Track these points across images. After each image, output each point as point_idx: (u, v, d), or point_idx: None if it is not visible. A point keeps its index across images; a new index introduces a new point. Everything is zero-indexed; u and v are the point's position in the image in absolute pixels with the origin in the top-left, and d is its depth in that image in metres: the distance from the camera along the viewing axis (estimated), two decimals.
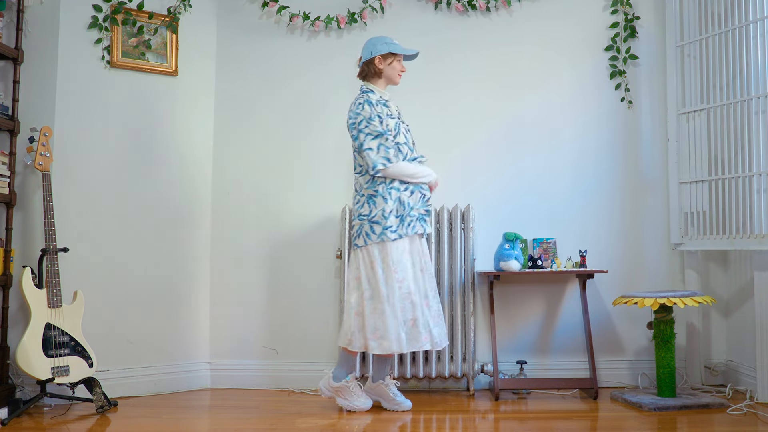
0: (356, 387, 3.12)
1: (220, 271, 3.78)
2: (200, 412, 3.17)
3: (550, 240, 3.60)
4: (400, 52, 3.17)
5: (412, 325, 3.04)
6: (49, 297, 3.14)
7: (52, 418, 3.02)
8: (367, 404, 3.12)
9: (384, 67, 3.16)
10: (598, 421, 2.95)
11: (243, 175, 3.81)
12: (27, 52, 3.41)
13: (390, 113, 3.13)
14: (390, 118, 3.11)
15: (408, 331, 3.03)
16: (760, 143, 3.21)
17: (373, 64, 3.16)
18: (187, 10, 3.75)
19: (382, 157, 3.04)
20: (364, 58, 3.18)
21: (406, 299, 3.04)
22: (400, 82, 3.25)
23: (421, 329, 3.04)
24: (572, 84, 3.80)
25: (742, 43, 3.33)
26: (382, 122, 3.07)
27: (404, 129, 3.17)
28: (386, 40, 3.18)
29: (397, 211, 3.06)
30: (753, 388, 3.30)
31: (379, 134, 3.05)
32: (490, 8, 3.81)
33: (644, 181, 3.76)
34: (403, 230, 3.06)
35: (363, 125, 3.07)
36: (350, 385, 3.11)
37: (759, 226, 3.19)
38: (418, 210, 3.12)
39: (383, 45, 3.15)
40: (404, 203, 3.08)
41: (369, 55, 3.15)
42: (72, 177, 3.43)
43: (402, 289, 3.04)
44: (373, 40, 3.18)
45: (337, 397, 3.12)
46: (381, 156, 3.04)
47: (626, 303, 3.28)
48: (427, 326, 3.06)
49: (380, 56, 3.15)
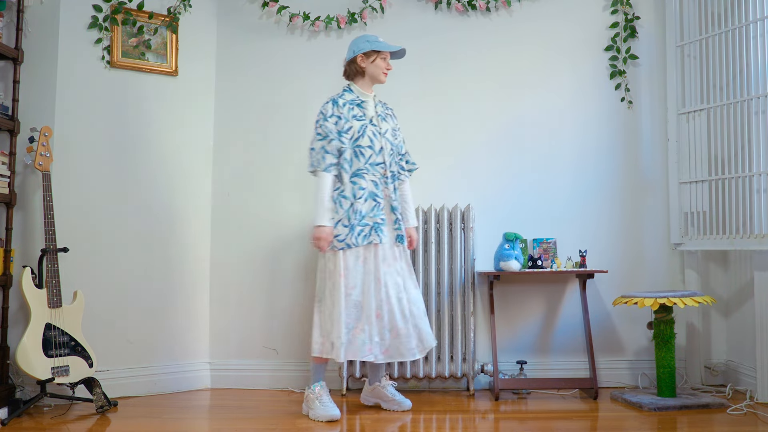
0: (323, 396, 3.00)
1: (220, 271, 3.78)
2: (200, 412, 3.17)
3: (550, 240, 3.60)
4: (383, 49, 3.11)
5: (357, 334, 2.98)
6: (49, 297, 3.14)
7: (52, 418, 3.02)
8: (328, 415, 2.93)
9: (367, 66, 3.11)
10: (598, 421, 2.95)
11: (243, 175, 3.81)
12: (27, 52, 3.41)
13: (359, 115, 3.07)
14: (356, 120, 3.05)
15: (350, 341, 2.97)
16: (760, 143, 3.21)
17: (355, 63, 3.12)
18: (187, 10, 3.75)
19: (317, 160, 3.02)
20: (347, 58, 3.15)
21: (355, 308, 2.99)
22: (386, 80, 3.18)
23: (366, 340, 2.97)
24: (572, 84, 3.80)
25: (742, 43, 3.33)
26: (338, 123, 3.03)
27: (372, 132, 3.07)
28: (369, 38, 3.12)
29: (348, 220, 3.01)
30: (753, 388, 3.30)
31: (325, 137, 3.02)
32: (490, 8, 3.81)
33: (644, 181, 3.76)
34: (352, 240, 2.99)
35: (319, 123, 3.06)
36: (313, 393, 3.01)
37: (759, 226, 3.19)
38: (373, 219, 3.03)
39: (365, 43, 3.10)
40: (357, 212, 3.02)
41: (351, 54, 3.12)
42: (72, 177, 3.43)
43: (352, 296, 2.98)
44: (356, 39, 3.14)
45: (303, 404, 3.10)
46: (317, 158, 3.02)
47: (626, 303, 3.28)
48: (370, 338, 2.98)
49: (362, 54, 3.10)
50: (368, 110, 3.12)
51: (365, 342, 2.98)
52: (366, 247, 3.03)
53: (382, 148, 3.10)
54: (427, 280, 3.54)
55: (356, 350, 2.97)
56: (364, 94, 3.14)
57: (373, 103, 3.17)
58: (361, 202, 3.03)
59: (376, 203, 3.06)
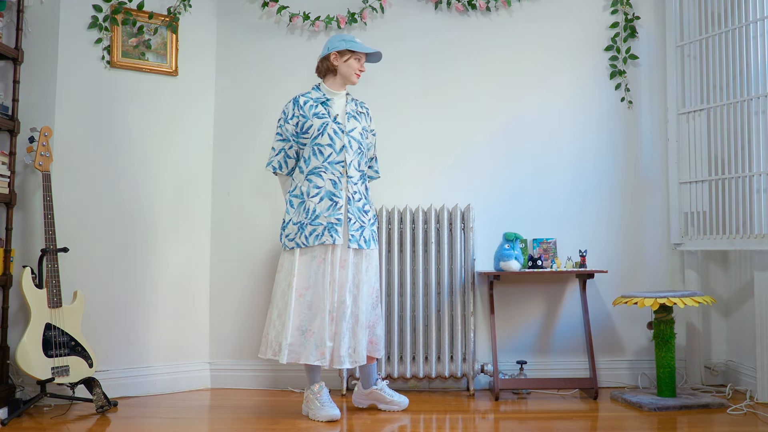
0: (322, 396, 2.98)
1: (219, 270, 3.78)
2: (200, 412, 3.17)
3: (550, 240, 3.60)
4: (358, 50, 3.07)
5: (309, 337, 2.90)
6: (49, 297, 3.14)
7: (52, 418, 3.02)
8: (328, 415, 2.92)
9: (339, 64, 3.08)
10: (598, 421, 2.95)
11: (243, 174, 3.81)
12: (27, 52, 3.41)
13: (321, 113, 3.03)
14: (317, 118, 3.02)
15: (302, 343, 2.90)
16: (760, 143, 3.21)
17: (328, 60, 3.08)
18: (187, 10, 3.75)
19: (277, 161, 3.07)
20: (320, 55, 3.12)
21: (308, 309, 2.92)
22: (357, 81, 3.15)
23: (317, 343, 2.89)
24: (572, 84, 3.80)
25: (742, 43, 3.33)
26: (299, 123, 3.03)
27: (334, 130, 3.00)
28: (346, 37, 3.09)
29: (298, 219, 2.97)
30: (753, 388, 3.30)
31: (286, 140, 3.06)
32: (490, 8, 3.81)
33: (644, 181, 3.76)
34: (302, 239, 2.94)
35: (279, 123, 3.10)
36: (313, 393, 2.99)
37: (759, 226, 3.19)
38: (327, 218, 2.95)
39: (341, 42, 3.07)
40: (308, 210, 2.97)
41: (326, 51, 3.09)
42: (72, 177, 3.43)
43: (305, 297, 2.93)
44: (333, 37, 3.12)
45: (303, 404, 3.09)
46: (276, 160, 3.07)
47: (626, 303, 3.28)
48: (323, 342, 2.89)
49: (336, 53, 3.07)
50: (333, 108, 3.07)
51: (318, 345, 2.89)
52: (323, 247, 2.95)
53: (344, 147, 3.01)
54: (427, 280, 3.54)
55: (308, 353, 2.89)
56: (330, 92, 3.10)
57: (344, 101, 3.13)
58: (315, 200, 2.97)
59: (333, 203, 2.96)
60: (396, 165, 3.74)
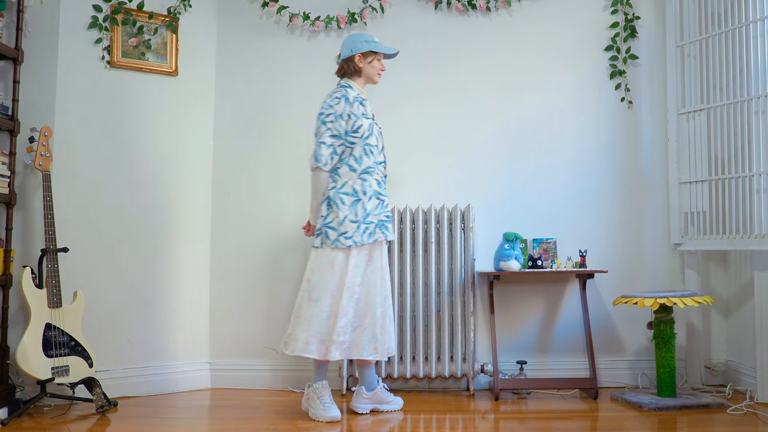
0: (324, 395, 2.98)
1: (219, 270, 3.78)
2: (200, 412, 3.17)
3: (550, 240, 3.60)
4: (380, 51, 3.11)
5: (361, 333, 2.98)
6: (49, 297, 3.14)
7: (52, 418, 3.02)
8: (329, 416, 2.93)
9: (364, 66, 3.10)
10: (598, 421, 2.95)
11: (243, 175, 3.81)
12: (27, 52, 3.41)
13: (365, 113, 3.07)
14: (365, 118, 3.04)
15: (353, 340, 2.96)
16: (760, 143, 3.21)
17: (353, 62, 3.09)
18: (187, 10, 3.75)
19: (327, 157, 3.00)
20: (343, 56, 3.11)
21: (358, 305, 2.98)
22: (379, 81, 3.22)
23: (370, 338, 2.98)
24: (572, 84, 3.80)
25: (742, 43, 3.33)
26: (349, 121, 3.00)
27: (377, 131, 3.11)
28: (366, 37, 3.11)
29: (355, 218, 2.99)
30: (753, 388, 3.30)
31: (338, 136, 3.01)
32: (490, 8, 3.82)
33: (644, 181, 3.76)
34: (359, 237, 2.98)
35: (330, 119, 3.00)
36: (315, 392, 2.99)
37: (759, 226, 3.19)
38: (377, 217, 3.03)
39: (363, 43, 3.08)
40: (364, 209, 3.01)
41: (349, 53, 3.09)
42: (72, 177, 3.43)
43: (356, 294, 2.97)
44: (352, 37, 3.12)
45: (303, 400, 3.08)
46: (327, 156, 3.00)
47: (626, 303, 3.28)
48: (375, 337, 2.98)
49: (360, 54, 3.09)
50: (368, 109, 3.12)
51: (370, 340, 2.99)
52: (372, 245, 3.04)
53: (384, 147, 3.15)
54: (427, 280, 3.54)
55: (361, 348, 2.98)
56: (362, 92, 3.13)
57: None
58: (366, 199, 3.03)
59: (380, 201, 3.06)
60: (396, 165, 3.74)
